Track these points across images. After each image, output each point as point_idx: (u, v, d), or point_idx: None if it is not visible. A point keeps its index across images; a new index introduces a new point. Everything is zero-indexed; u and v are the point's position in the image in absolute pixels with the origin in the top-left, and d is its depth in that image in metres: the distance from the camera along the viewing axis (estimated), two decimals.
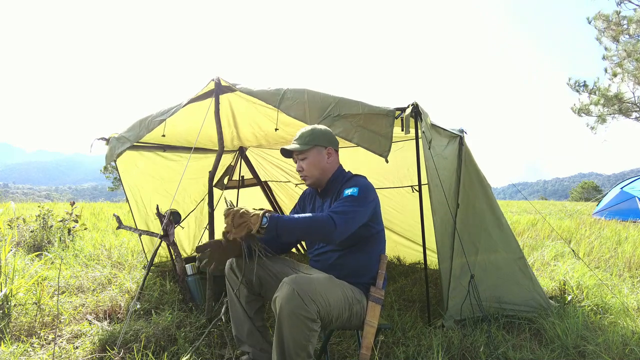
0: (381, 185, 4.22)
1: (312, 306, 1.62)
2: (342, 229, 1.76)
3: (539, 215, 8.94)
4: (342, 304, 1.78)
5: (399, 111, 2.27)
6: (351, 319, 1.85)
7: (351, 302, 1.84)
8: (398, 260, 4.59)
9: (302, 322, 1.60)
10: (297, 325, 1.60)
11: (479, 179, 3.08)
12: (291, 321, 1.60)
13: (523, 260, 3.02)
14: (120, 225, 3.34)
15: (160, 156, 4.04)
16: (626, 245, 5.38)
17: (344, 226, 1.76)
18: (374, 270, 2.00)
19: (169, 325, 2.52)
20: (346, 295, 1.82)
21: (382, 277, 1.97)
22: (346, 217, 1.79)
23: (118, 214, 3.86)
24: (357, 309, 1.87)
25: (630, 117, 14.86)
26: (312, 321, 1.62)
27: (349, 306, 1.82)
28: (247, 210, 1.73)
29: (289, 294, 1.60)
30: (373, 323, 1.85)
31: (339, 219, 1.75)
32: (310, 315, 1.61)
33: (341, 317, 1.79)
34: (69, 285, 3.42)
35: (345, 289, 1.84)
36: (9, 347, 2.24)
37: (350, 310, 1.83)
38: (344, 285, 1.87)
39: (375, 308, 1.88)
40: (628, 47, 13.35)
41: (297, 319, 1.60)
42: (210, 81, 2.77)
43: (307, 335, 1.62)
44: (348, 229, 1.79)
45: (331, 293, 1.74)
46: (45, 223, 5.12)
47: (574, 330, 2.49)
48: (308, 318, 1.61)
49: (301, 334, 1.61)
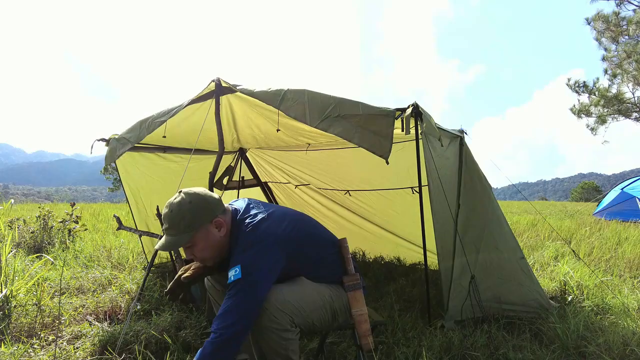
0: (381, 186, 4.22)
1: (283, 316, 1.56)
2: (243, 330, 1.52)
3: (539, 216, 8.94)
4: (320, 306, 1.71)
5: (399, 111, 2.27)
6: (338, 318, 1.79)
7: (330, 300, 1.75)
8: (398, 261, 4.59)
9: (274, 334, 1.56)
10: (270, 338, 1.56)
11: (479, 179, 3.08)
12: (264, 335, 1.57)
13: (524, 261, 3.02)
14: (120, 226, 3.34)
15: (160, 157, 4.04)
16: (626, 245, 5.38)
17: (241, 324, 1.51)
18: (339, 262, 1.84)
19: (169, 326, 2.52)
20: (322, 294, 1.74)
21: (349, 262, 1.84)
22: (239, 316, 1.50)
23: (118, 214, 3.86)
24: (339, 305, 1.79)
25: (630, 117, 14.87)
26: (285, 331, 1.57)
27: (329, 305, 1.75)
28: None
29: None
30: (361, 310, 1.76)
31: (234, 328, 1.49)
32: (281, 326, 1.56)
33: (324, 318, 1.73)
34: (69, 286, 3.42)
35: (321, 290, 1.75)
36: (10, 348, 2.23)
37: (332, 308, 1.76)
38: (318, 286, 1.76)
39: (356, 295, 1.78)
40: (628, 48, 13.36)
41: (269, 332, 1.56)
42: (211, 82, 2.77)
43: (284, 344, 1.57)
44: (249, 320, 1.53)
45: (304, 298, 1.66)
46: (46, 224, 5.12)
47: (574, 331, 2.49)
48: (280, 329, 1.56)
49: (277, 345, 1.57)
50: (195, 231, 1.64)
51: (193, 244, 1.67)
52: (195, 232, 1.64)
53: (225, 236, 1.71)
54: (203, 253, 1.70)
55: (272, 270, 1.62)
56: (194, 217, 1.63)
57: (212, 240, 1.68)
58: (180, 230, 1.64)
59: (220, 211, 1.70)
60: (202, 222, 1.65)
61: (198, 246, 1.67)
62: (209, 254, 1.71)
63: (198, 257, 1.73)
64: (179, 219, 1.63)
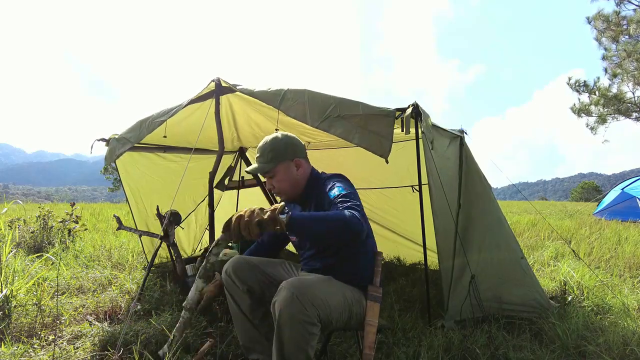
0: (381, 185, 4.22)
1: (312, 310, 1.59)
2: (365, 223, 1.70)
3: (539, 216, 8.94)
4: (341, 306, 1.76)
5: (399, 111, 2.27)
6: (351, 320, 1.84)
7: (351, 303, 1.81)
8: (398, 261, 4.59)
9: (302, 326, 1.58)
10: (296, 329, 1.58)
11: (480, 179, 3.08)
12: (291, 325, 1.58)
13: (524, 260, 3.02)
14: (120, 226, 3.34)
15: (160, 157, 4.04)
16: (626, 245, 5.38)
17: (364, 220, 1.69)
18: (370, 269, 1.96)
19: (169, 326, 2.52)
20: (346, 297, 1.80)
21: (378, 274, 1.94)
22: (360, 211, 1.69)
23: (118, 214, 3.86)
24: (357, 310, 1.85)
25: (630, 117, 14.87)
26: (312, 325, 1.60)
27: (349, 307, 1.80)
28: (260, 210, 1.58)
29: (288, 298, 1.57)
30: (374, 322, 1.83)
31: (358, 214, 1.64)
32: (310, 319, 1.59)
33: (341, 318, 1.77)
34: (69, 286, 3.43)
35: (345, 291, 1.82)
36: (10, 348, 2.23)
37: (350, 311, 1.81)
38: (344, 286, 1.84)
39: (375, 307, 1.86)
40: (628, 48, 13.35)
41: (297, 323, 1.57)
42: (211, 82, 2.77)
43: (307, 338, 1.60)
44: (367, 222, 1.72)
45: (331, 296, 1.71)
46: (46, 224, 5.13)
47: (574, 331, 2.49)
48: (308, 322, 1.58)
49: (301, 338, 1.59)
50: (278, 163, 1.92)
51: (274, 174, 1.94)
52: (278, 164, 1.92)
53: (302, 177, 1.98)
54: (280, 184, 1.96)
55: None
56: (279, 153, 1.93)
57: (290, 175, 1.96)
58: (267, 159, 1.93)
59: (303, 155, 2.00)
60: (285, 157, 1.93)
61: (277, 177, 1.95)
62: (284, 187, 1.97)
63: (275, 188, 1.98)
64: (268, 150, 1.93)
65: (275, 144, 1.94)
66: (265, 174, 1.96)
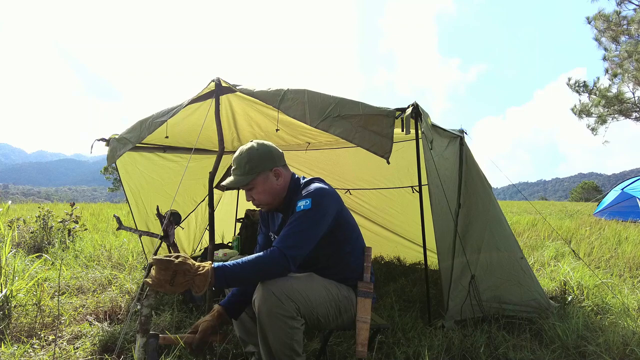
0: (381, 186, 4.22)
1: (290, 304, 1.59)
2: (297, 258, 1.66)
3: (539, 216, 8.94)
4: (326, 301, 1.75)
5: (399, 112, 2.27)
6: (342, 317, 1.82)
7: (337, 298, 1.80)
8: (398, 261, 4.59)
9: (281, 321, 1.58)
10: (277, 325, 1.59)
11: (480, 179, 3.08)
12: (270, 321, 1.59)
13: (524, 260, 3.02)
14: (120, 226, 3.34)
15: (160, 157, 4.04)
16: (626, 245, 5.38)
17: (298, 251, 1.66)
18: (360, 266, 1.93)
19: (169, 326, 2.52)
20: (330, 292, 1.78)
21: (368, 270, 1.91)
22: (299, 243, 1.67)
23: (118, 214, 3.86)
24: (346, 306, 1.83)
25: (630, 117, 14.87)
26: (291, 319, 1.60)
27: (335, 303, 1.79)
28: (188, 264, 1.51)
29: (264, 294, 1.59)
30: (365, 319, 1.80)
31: (291, 251, 1.64)
32: (288, 313, 1.59)
33: (329, 315, 1.76)
34: (69, 286, 3.43)
35: (329, 286, 1.80)
36: (10, 348, 2.23)
37: (338, 307, 1.80)
38: (328, 282, 1.81)
39: (365, 302, 1.83)
40: (629, 48, 13.34)
41: (275, 318, 1.58)
42: (211, 82, 2.77)
43: (289, 333, 1.60)
44: (303, 252, 1.69)
45: (311, 290, 1.70)
46: (45, 224, 5.13)
47: (574, 331, 2.49)
48: (287, 316, 1.59)
49: (283, 333, 1.59)
50: (256, 175, 1.83)
51: (253, 187, 1.85)
52: (256, 176, 1.83)
53: (281, 186, 1.89)
54: (260, 196, 1.87)
55: (331, 215, 1.79)
56: (256, 163, 1.83)
57: (270, 186, 1.86)
58: (244, 171, 1.83)
59: (281, 164, 1.91)
60: (263, 168, 1.84)
61: (257, 189, 1.85)
62: (265, 198, 1.88)
63: (255, 200, 1.89)
64: (245, 161, 1.83)
65: (252, 154, 1.84)
66: (244, 187, 1.87)
